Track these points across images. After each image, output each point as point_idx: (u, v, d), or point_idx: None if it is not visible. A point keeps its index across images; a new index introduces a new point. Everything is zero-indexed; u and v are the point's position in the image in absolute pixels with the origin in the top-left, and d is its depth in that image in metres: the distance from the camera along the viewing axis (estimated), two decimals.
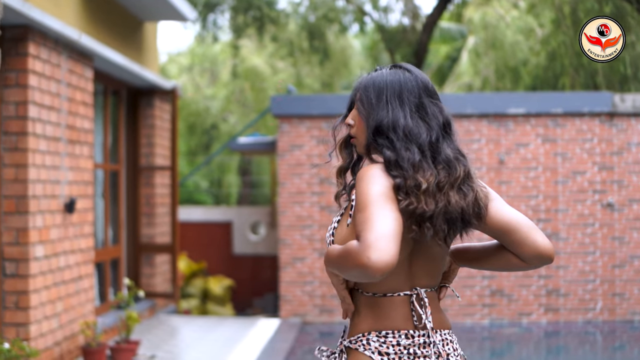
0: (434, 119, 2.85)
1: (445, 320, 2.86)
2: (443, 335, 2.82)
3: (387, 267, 2.46)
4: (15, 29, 8.02)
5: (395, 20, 18.49)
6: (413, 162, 2.73)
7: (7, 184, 8.00)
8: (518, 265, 2.88)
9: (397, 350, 2.76)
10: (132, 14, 11.63)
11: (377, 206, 2.60)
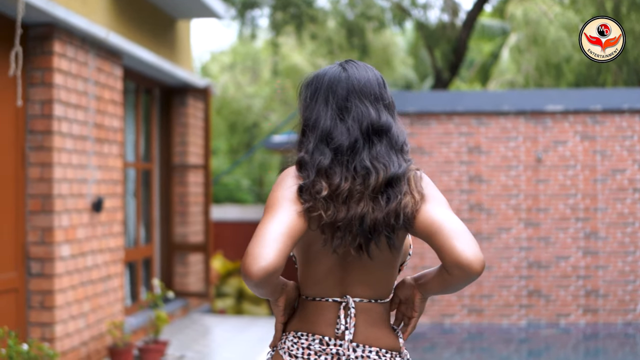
0: (356, 122, 2.66)
1: (380, 338, 2.66)
2: (365, 352, 2.64)
3: (261, 273, 2.39)
4: (40, 28, 7.98)
5: (435, 17, 18.31)
6: (320, 166, 2.59)
7: (32, 183, 7.96)
8: (448, 281, 2.55)
9: (305, 354, 2.65)
10: (165, 12, 11.57)
11: (272, 211, 2.52)
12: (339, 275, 2.67)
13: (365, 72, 2.77)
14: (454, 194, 12.20)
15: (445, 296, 12.16)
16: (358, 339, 2.65)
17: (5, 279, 7.61)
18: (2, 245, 7.57)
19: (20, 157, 7.90)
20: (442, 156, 12.23)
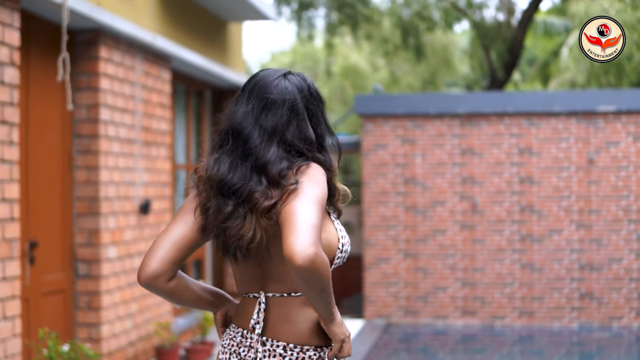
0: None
1: (289, 332, 2.72)
2: (273, 346, 2.72)
3: (143, 278, 2.72)
4: (86, 33, 8.12)
5: (490, 17, 18.19)
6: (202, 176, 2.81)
7: (79, 186, 8.10)
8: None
9: (228, 344, 2.81)
10: (215, 15, 11.67)
11: (170, 221, 2.85)
12: (256, 273, 2.78)
13: (256, 79, 2.91)
14: (505, 195, 12.14)
15: (495, 298, 12.10)
16: (268, 333, 2.74)
17: (53, 280, 7.76)
18: (50, 247, 7.71)
19: (68, 160, 8.05)
20: (492, 157, 12.17)
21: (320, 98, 2.85)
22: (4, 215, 6.34)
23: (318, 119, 2.81)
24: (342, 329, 2.70)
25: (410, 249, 12.29)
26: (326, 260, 2.45)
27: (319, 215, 2.51)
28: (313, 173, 2.66)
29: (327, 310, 2.62)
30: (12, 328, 6.43)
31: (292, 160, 2.70)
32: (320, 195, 2.58)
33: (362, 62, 26.58)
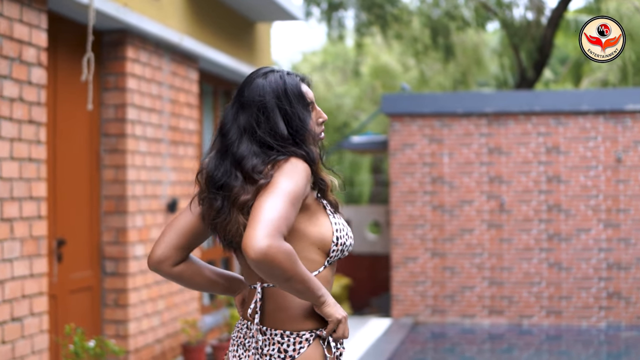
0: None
1: (286, 321, 2.81)
2: (272, 335, 2.82)
3: (150, 263, 2.96)
4: (113, 34, 8.22)
5: (520, 16, 18.15)
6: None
7: (107, 185, 8.21)
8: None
9: (236, 336, 2.94)
10: (243, 16, 11.75)
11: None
12: None
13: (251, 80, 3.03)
14: (532, 194, 12.13)
15: (523, 297, 12.09)
16: (266, 322, 2.85)
17: (81, 278, 7.86)
18: (78, 245, 7.82)
19: (95, 159, 8.15)
20: (520, 156, 12.17)
21: (297, 95, 2.90)
22: (31, 213, 6.45)
23: (292, 115, 2.87)
24: (335, 310, 2.77)
25: (437, 248, 12.31)
26: (286, 251, 2.52)
27: (284, 208, 2.58)
28: (288, 167, 2.74)
29: (306, 296, 2.69)
30: (39, 324, 6.53)
31: (269, 155, 2.80)
32: (291, 189, 2.65)
33: (392, 62, 26.58)
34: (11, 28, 6.23)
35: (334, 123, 28.06)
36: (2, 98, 6.11)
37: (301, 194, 2.69)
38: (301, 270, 2.60)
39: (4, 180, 6.12)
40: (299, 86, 2.93)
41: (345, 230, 2.90)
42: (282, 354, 2.79)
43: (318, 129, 2.97)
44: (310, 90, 2.98)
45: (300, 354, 2.78)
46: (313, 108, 2.97)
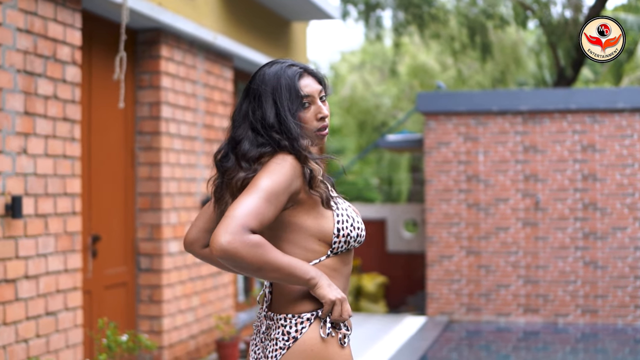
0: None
1: (287, 305, 2.91)
2: (276, 319, 2.92)
3: (184, 245, 3.19)
4: (148, 33, 8.32)
5: (557, 14, 18.07)
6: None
7: (141, 182, 8.31)
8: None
9: (255, 325, 3.06)
10: (278, 14, 11.82)
11: None
12: None
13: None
14: (568, 192, 12.08)
15: (558, 296, 12.05)
16: (273, 308, 2.98)
17: (115, 274, 7.96)
18: (113, 241, 7.92)
19: (130, 157, 8.26)
20: (555, 154, 12.13)
21: (290, 87, 2.96)
22: (65, 210, 6.55)
23: (280, 106, 2.93)
24: (328, 292, 2.83)
25: (472, 246, 12.30)
26: (250, 243, 2.66)
27: (255, 204, 2.71)
28: (271, 165, 2.84)
29: (292, 281, 2.80)
30: (73, 319, 6.63)
31: (258, 142, 2.91)
32: (267, 185, 2.76)
33: (430, 61, 26.53)
34: (45, 27, 6.33)
35: (373, 122, 28.07)
36: (37, 96, 6.21)
37: (281, 189, 2.79)
38: (273, 259, 2.72)
39: (39, 177, 6.23)
40: (294, 78, 2.97)
41: (350, 222, 2.94)
42: (286, 335, 2.87)
43: (317, 124, 2.99)
44: (312, 84, 3.01)
45: (302, 334, 2.86)
46: (312, 102, 3.00)
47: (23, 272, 6.03)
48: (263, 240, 2.70)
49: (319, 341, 2.86)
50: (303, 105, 2.98)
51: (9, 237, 5.87)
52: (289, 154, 2.87)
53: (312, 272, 2.80)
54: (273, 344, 2.90)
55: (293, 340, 2.85)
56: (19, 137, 6.01)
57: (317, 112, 3.00)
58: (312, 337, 2.86)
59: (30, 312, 6.11)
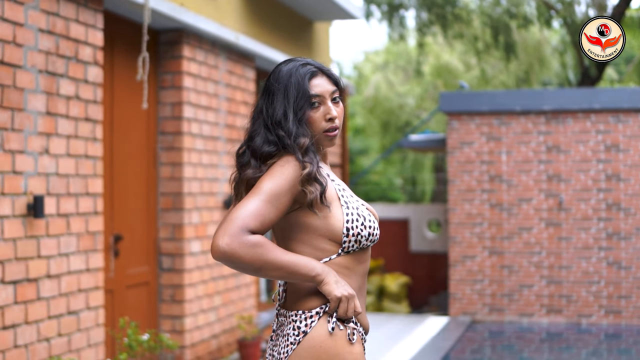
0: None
1: (298, 302, 2.94)
2: (289, 315, 2.95)
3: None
4: (170, 33, 8.35)
5: (581, 13, 17.98)
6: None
7: (164, 182, 8.33)
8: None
9: (272, 321, 3.15)
10: (300, 15, 11.83)
11: None
12: None
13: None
14: (591, 192, 12.03)
15: (582, 296, 12.00)
16: (286, 306, 3.01)
17: (138, 273, 7.99)
18: (135, 241, 7.95)
19: (152, 157, 8.29)
20: (579, 154, 12.07)
21: (298, 85, 2.97)
22: (87, 209, 6.59)
23: (287, 105, 2.95)
24: (334, 288, 2.85)
25: (495, 246, 12.27)
26: (248, 244, 2.72)
27: (255, 206, 2.77)
28: (274, 167, 2.89)
29: (296, 279, 2.83)
30: (95, 318, 6.67)
31: (271, 143, 2.94)
32: (268, 187, 2.82)
33: (454, 61, 26.47)
34: (67, 28, 6.36)
35: (396, 122, 28.04)
36: (59, 96, 6.25)
37: (283, 191, 2.83)
38: (274, 258, 2.76)
39: (60, 177, 6.26)
40: (305, 77, 2.98)
41: (360, 221, 2.94)
42: (296, 330, 2.90)
43: (325, 124, 3.00)
44: (324, 84, 3.02)
45: (311, 328, 2.88)
46: (322, 102, 3.00)
47: (45, 272, 6.06)
48: (263, 240, 2.75)
49: (328, 337, 2.87)
50: (312, 104, 2.99)
51: (30, 236, 5.91)
52: (292, 155, 2.90)
53: (318, 268, 2.83)
54: (285, 339, 2.93)
55: (303, 335, 2.88)
56: (41, 137, 6.05)
57: (326, 112, 3.00)
58: (321, 333, 2.88)
59: (52, 312, 6.15)
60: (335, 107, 3.02)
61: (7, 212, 5.67)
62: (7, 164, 5.68)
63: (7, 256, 5.67)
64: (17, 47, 5.80)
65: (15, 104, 5.78)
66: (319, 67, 3.04)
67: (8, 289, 5.68)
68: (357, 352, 2.91)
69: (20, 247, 5.80)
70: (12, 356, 5.70)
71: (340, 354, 2.87)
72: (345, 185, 3.08)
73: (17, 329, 5.76)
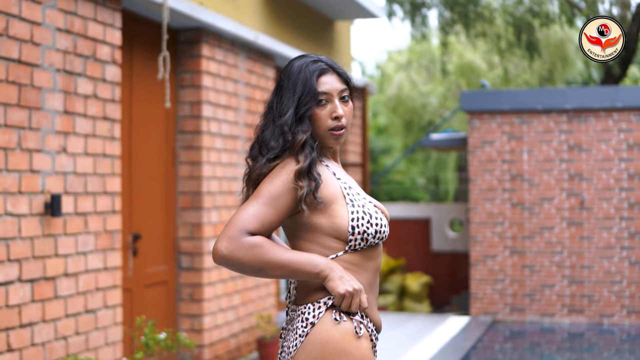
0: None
1: (306, 296, 2.95)
2: (299, 309, 2.95)
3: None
4: (189, 32, 8.35)
5: (605, 11, 17.85)
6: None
7: (182, 181, 8.34)
8: None
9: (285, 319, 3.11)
10: (321, 14, 11.82)
11: None
12: None
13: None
14: (614, 191, 11.95)
15: (603, 296, 11.92)
16: (297, 301, 3.02)
17: (156, 272, 8.01)
18: (154, 240, 7.96)
19: (171, 156, 8.30)
20: (601, 153, 11.99)
21: (305, 82, 2.97)
22: (105, 208, 6.60)
23: (294, 99, 2.95)
24: (337, 285, 2.85)
25: (516, 246, 12.21)
26: (247, 246, 2.76)
27: (255, 208, 2.81)
28: (275, 170, 2.91)
29: (299, 276, 2.85)
30: (113, 316, 6.68)
31: (277, 138, 2.94)
32: (267, 190, 2.86)
33: (477, 60, 26.38)
34: (85, 27, 6.38)
35: (419, 122, 27.99)
36: (77, 95, 6.27)
37: (282, 192, 2.85)
38: (274, 257, 2.79)
39: (78, 175, 6.28)
40: (314, 74, 2.97)
41: (366, 218, 2.93)
42: (304, 322, 2.90)
43: (331, 122, 2.99)
44: (333, 82, 3.01)
45: (319, 319, 2.88)
46: (330, 100, 2.99)
47: (62, 270, 6.08)
48: (262, 240, 2.78)
49: (335, 331, 2.86)
50: (319, 102, 2.97)
51: (48, 235, 5.92)
52: (293, 157, 2.91)
53: (321, 264, 2.84)
54: (294, 333, 2.93)
55: (311, 326, 2.87)
56: (59, 136, 6.07)
57: (332, 110, 2.98)
58: (328, 327, 2.87)
59: (70, 310, 6.17)
60: (343, 105, 3.01)
61: (24, 210, 5.69)
62: (24, 162, 5.70)
63: (25, 255, 5.69)
64: (34, 46, 5.82)
65: (33, 103, 5.79)
66: (330, 65, 3.03)
67: (25, 288, 5.70)
68: (364, 348, 2.89)
69: (38, 246, 5.82)
70: (29, 354, 5.72)
71: (347, 348, 2.86)
72: (353, 183, 3.06)
73: (34, 327, 5.78)
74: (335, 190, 2.95)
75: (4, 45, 5.53)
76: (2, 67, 5.50)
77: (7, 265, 5.52)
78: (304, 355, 2.87)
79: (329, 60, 3.06)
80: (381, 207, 3.08)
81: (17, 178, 5.62)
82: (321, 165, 2.98)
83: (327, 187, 2.93)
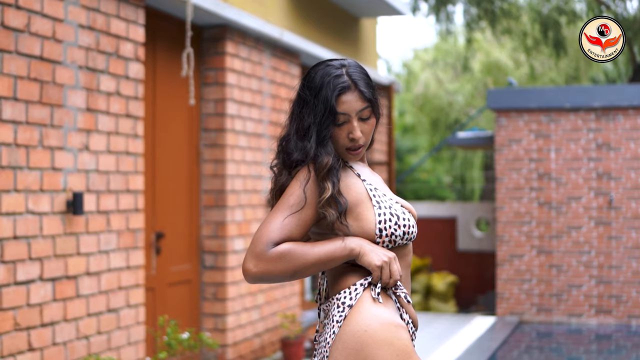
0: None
1: (333, 288, 2.88)
2: (332, 300, 2.87)
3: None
4: (213, 29, 8.29)
5: (633, 9, 17.68)
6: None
7: (206, 179, 8.28)
8: None
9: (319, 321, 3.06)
10: (346, 11, 11.73)
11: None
12: None
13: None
14: None
15: (632, 297, 11.78)
16: (328, 295, 2.94)
17: (180, 271, 7.95)
18: (177, 239, 7.91)
19: (195, 154, 8.24)
20: (629, 152, 11.84)
21: (326, 101, 2.85)
22: (128, 206, 6.55)
23: (315, 116, 2.86)
24: (372, 257, 2.80)
25: (544, 245, 12.08)
26: (276, 257, 2.72)
27: (278, 218, 2.76)
28: (298, 176, 2.85)
29: (333, 264, 2.79)
30: (135, 316, 6.63)
31: (299, 149, 2.87)
32: (288, 199, 2.81)
33: (503, 58, 26.24)
34: (108, 24, 6.33)
35: (446, 120, 27.87)
36: (99, 92, 6.22)
37: (301, 198, 2.79)
38: (304, 258, 2.75)
39: (101, 173, 6.23)
40: (335, 92, 2.85)
41: (394, 220, 2.85)
42: (341, 307, 2.80)
43: (347, 143, 2.89)
44: (352, 101, 2.87)
45: (357, 300, 2.80)
46: (348, 120, 2.88)
47: (84, 269, 6.03)
48: (287, 246, 2.74)
49: (374, 321, 2.75)
50: (337, 121, 2.88)
51: (70, 233, 5.88)
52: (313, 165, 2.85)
53: (350, 244, 2.79)
54: (330, 324, 2.81)
55: (349, 309, 2.78)
56: (81, 134, 6.02)
57: (349, 131, 2.88)
58: (367, 317, 2.76)
59: (92, 309, 6.12)
60: (362, 124, 2.91)
61: (46, 208, 5.64)
62: (46, 160, 5.66)
63: (46, 253, 5.64)
64: (56, 43, 5.77)
65: (55, 100, 5.75)
66: (353, 80, 2.91)
67: (47, 286, 5.65)
68: (405, 339, 2.76)
69: (60, 244, 5.77)
70: (50, 354, 5.67)
71: (388, 338, 2.72)
72: (379, 183, 2.98)
73: (55, 327, 5.73)
74: (360, 192, 2.86)
75: (25, 42, 5.48)
76: (23, 64, 5.46)
77: (28, 263, 5.48)
78: (341, 345, 2.75)
79: (354, 70, 2.93)
80: (409, 207, 3.00)
81: (38, 176, 5.58)
82: (345, 169, 2.91)
83: (352, 190, 2.86)
